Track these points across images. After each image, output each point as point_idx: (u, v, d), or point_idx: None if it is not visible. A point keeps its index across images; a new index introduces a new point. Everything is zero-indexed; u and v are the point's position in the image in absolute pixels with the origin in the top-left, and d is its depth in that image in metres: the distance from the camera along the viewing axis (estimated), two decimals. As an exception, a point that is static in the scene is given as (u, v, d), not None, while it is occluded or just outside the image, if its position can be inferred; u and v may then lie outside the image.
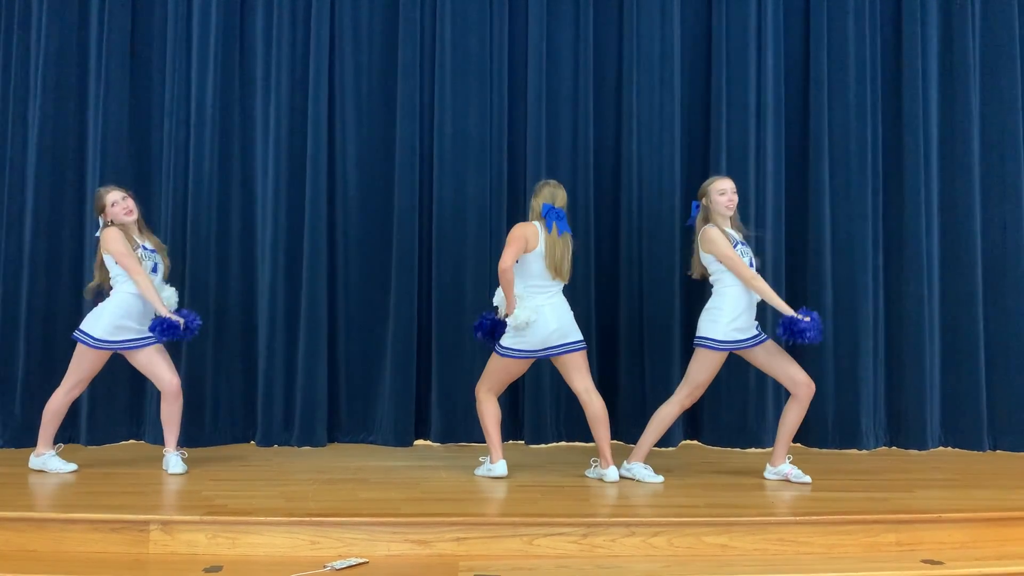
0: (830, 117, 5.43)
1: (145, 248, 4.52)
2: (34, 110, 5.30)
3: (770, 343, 4.38)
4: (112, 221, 4.47)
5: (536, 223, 4.38)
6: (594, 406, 4.39)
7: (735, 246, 4.29)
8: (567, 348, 4.36)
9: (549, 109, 5.44)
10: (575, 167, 5.43)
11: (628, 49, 5.47)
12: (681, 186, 5.39)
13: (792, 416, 4.38)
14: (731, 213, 4.39)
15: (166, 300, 4.50)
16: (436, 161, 5.41)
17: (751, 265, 4.31)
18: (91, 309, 4.56)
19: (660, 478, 4.37)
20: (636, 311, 5.38)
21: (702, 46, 5.54)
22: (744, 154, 5.40)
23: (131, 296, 4.43)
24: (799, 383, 4.32)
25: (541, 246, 4.32)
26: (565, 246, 4.37)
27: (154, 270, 4.50)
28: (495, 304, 4.56)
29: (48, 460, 4.49)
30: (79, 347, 4.46)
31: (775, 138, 5.44)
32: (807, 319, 4.20)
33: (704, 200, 4.41)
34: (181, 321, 4.37)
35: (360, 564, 3.38)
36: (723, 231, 4.31)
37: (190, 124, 5.33)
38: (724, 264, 4.28)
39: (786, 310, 4.25)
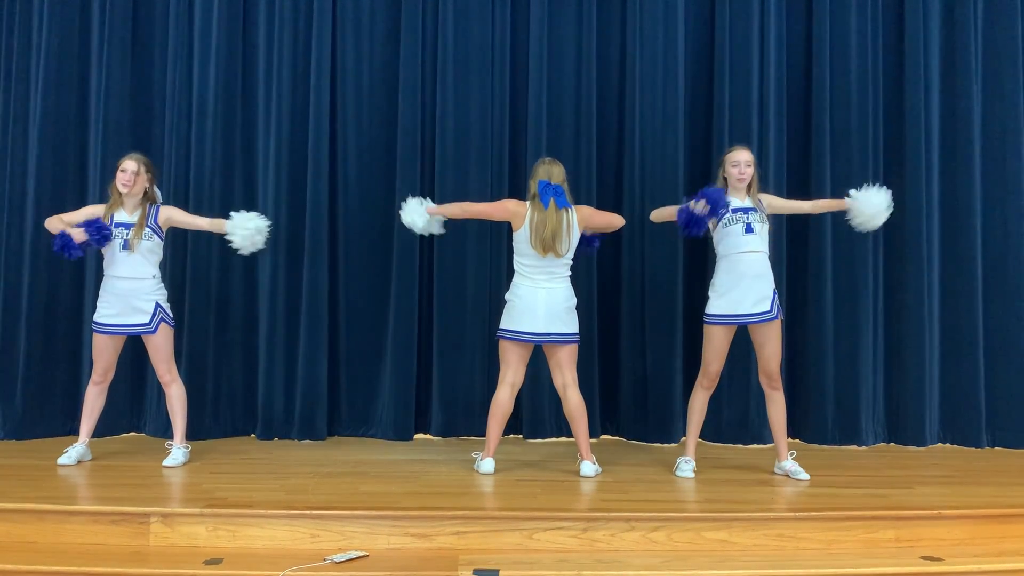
0: (832, 114, 5.43)
1: (116, 223, 4.44)
2: (35, 103, 5.31)
3: (773, 326, 4.33)
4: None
5: (528, 203, 4.38)
6: (571, 403, 4.38)
7: (725, 211, 4.28)
8: (554, 338, 4.34)
9: (551, 102, 5.44)
10: (577, 160, 5.42)
11: (631, 42, 5.47)
12: (684, 181, 5.38)
13: (774, 413, 4.42)
14: (743, 184, 4.36)
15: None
16: (438, 154, 5.40)
17: (748, 231, 4.27)
18: (93, 304, 4.56)
19: (691, 475, 4.36)
20: (638, 306, 5.39)
21: (705, 41, 5.54)
22: (746, 150, 5.40)
23: (107, 277, 4.48)
24: (764, 373, 4.38)
25: (525, 227, 4.31)
26: (559, 221, 4.30)
27: (124, 247, 4.42)
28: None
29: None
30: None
31: (777, 134, 5.43)
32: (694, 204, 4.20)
33: (721, 169, 4.43)
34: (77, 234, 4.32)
35: (360, 557, 3.39)
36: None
37: (192, 117, 5.34)
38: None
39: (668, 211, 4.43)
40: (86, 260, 5.28)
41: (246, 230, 4.48)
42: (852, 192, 4.40)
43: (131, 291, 4.42)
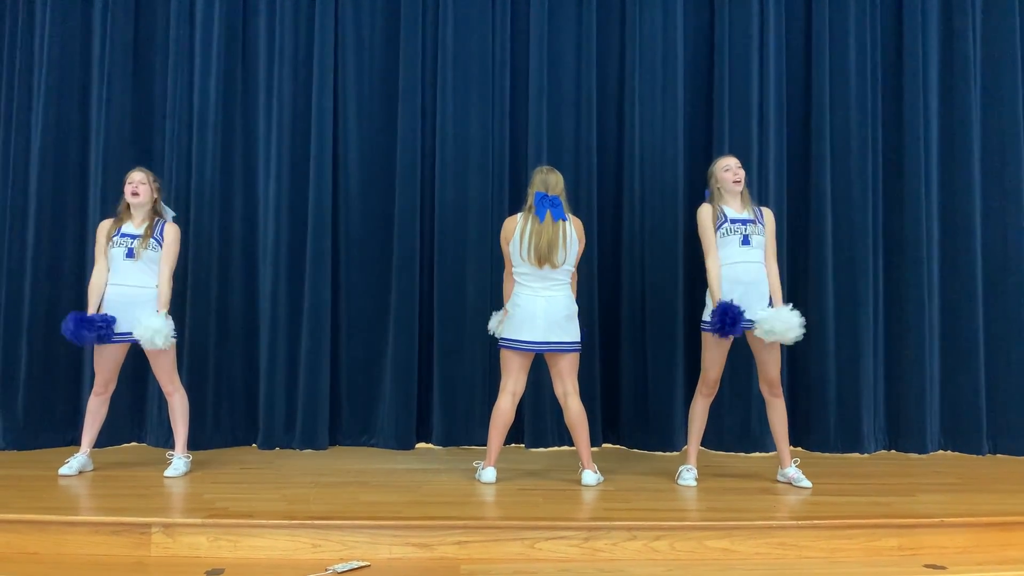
0: (831, 120, 5.45)
1: (123, 235, 4.50)
2: (37, 113, 5.32)
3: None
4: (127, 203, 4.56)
5: (519, 215, 4.39)
6: (572, 411, 4.38)
7: (723, 223, 4.32)
8: (554, 347, 4.34)
9: (551, 110, 5.45)
10: (577, 168, 5.43)
11: (630, 50, 5.49)
12: (684, 188, 5.40)
13: (775, 420, 4.43)
14: (739, 189, 4.39)
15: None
16: (438, 162, 5.42)
17: (745, 243, 4.30)
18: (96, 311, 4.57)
19: (693, 483, 4.36)
20: (639, 313, 5.39)
21: (704, 48, 5.56)
22: (746, 157, 5.37)
23: (108, 286, 4.49)
24: (764, 380, 4.38)
25: (516, 236, 4.32)
26: (556, 233, 4.30)
27: (129, 255, 4.47)
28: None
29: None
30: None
31: (776, 141, 5.45)
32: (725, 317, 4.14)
33: (712, 180, 4.44)
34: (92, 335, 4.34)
35: (362, 567, 3.38)
36: (718, 208, 4.36)
37: (193, 126, 5.34)
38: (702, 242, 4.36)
39: (715, 297, 4.22)
40: (87, 270, 5.27)
41: (147, 330, 4.37)
42: (760, 314, 4.24)
43: (133, 299, 4.43)
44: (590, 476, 4.36)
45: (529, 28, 5.47)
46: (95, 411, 4.56)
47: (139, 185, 4.52)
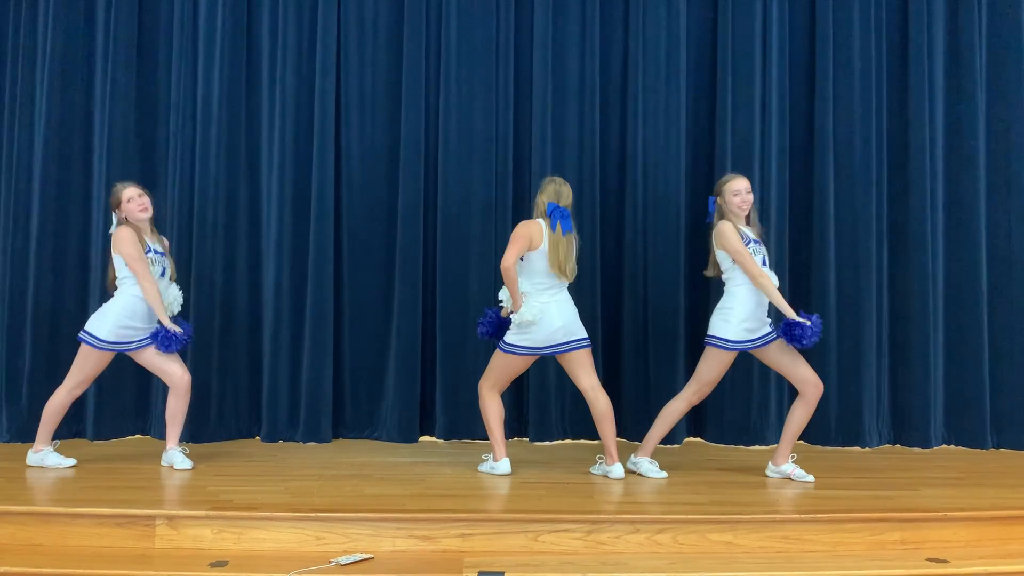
0: (835, 115, 5.43)
1: (155, 251, 4.49)
2: (40, 108, 5.32)
3: (781, 341, 4.34)
4: (126, 218, 4.45)
5: (540, 220, 4.37)
6: (600, 404, 4.39)
7: (747, 243, 4.27)
8: (572, 346, 4.36)
9: (555, 105, 5.44)
10: (580, 163, 5.43)
11: (634, 45, 5.47)
12: (686, 184, 5.39)
13: (798, 415, 4.38)
14: (744, 213, 4.38)
15: (173, 300, 4.52)
16: (441, 157, 5.41)
17: (763, 263, 4.31)
18: (98, 307, 4.56)
19: (664, 473, 4.39)
20: (640, 309, 5.38)
21: (708, 43, 5.54)
22: (749, 152, 5.39)
23: (137, 299, 4.41)
24: (807, 382, 4.32)
25: (545, 244, 4.31)
26: (569, 245, 4.36)
27: (162, 274, 4.48)
28: (500, 301, 4.55)
29: (47, 456, 4.49)
30: (84, 347, 4.43)
31: (780, 136, 5.43)
32: (807, 323, 4.20)
33: (719, 199, 4.41)
34: (180, 331, 4.38)
35: (365, 559, 3.39)
36: (736, 227, 4.31)
37: (196, 121, 5.34)
38: (735, 259, 4.26)
39: (788, 312, 4.23)
40: (90, 263, 5.30)
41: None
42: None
43: (152, 311, 4.43)
44: (620, 469, 4.37)
45: (533, 21, 5.45)
46: (63, 409, 4.52)
47: (144, 199, 4.46)
